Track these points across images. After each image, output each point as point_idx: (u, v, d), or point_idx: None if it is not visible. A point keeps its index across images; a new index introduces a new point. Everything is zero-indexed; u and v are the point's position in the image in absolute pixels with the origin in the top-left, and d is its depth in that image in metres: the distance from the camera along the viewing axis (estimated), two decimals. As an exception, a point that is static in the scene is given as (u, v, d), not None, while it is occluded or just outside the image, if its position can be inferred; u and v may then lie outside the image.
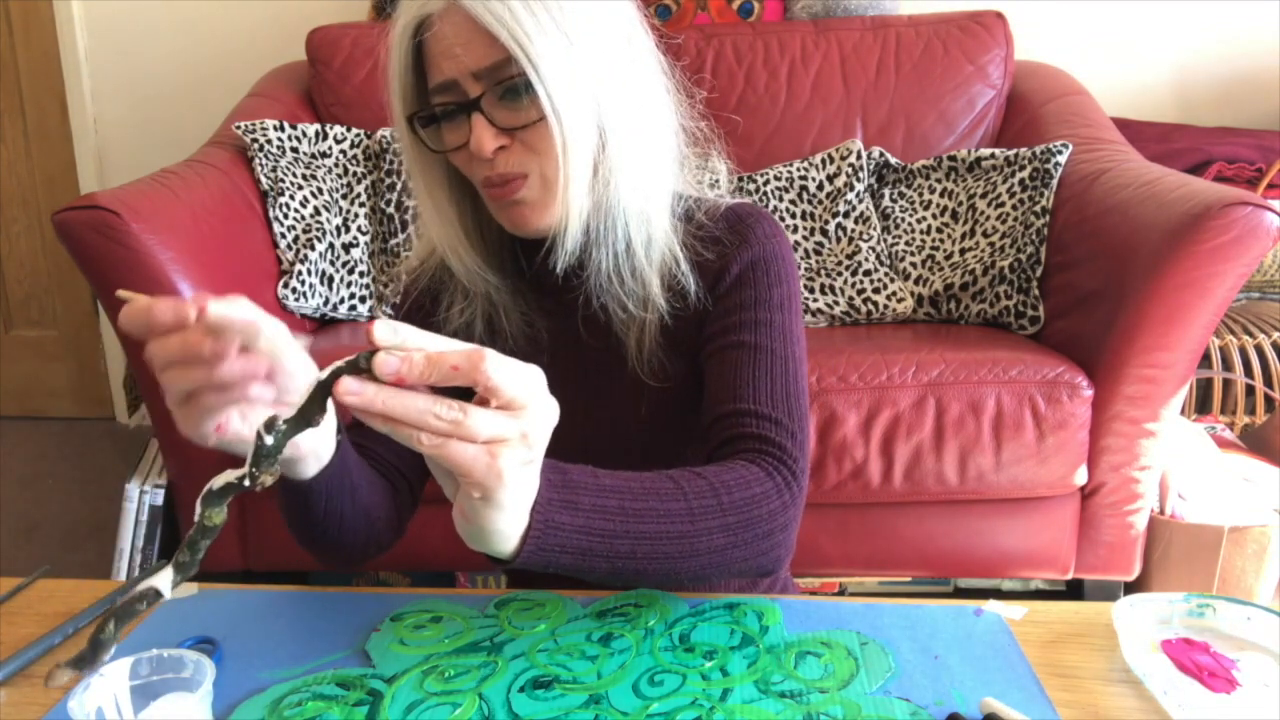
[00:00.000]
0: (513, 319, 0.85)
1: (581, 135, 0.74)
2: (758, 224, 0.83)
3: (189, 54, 2.52)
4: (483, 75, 0.72)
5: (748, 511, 0.68)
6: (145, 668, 0.57)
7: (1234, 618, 0.69)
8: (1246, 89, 2.35)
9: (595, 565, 0.63)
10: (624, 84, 0.76)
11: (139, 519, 1.75)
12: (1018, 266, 1.77)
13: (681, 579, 0.68)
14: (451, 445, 0.50)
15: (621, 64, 0.76)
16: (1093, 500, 1.58)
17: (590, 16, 0.74)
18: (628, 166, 0.77)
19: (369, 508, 0.76)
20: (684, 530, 0.65)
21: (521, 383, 0.51)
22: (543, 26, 0.71)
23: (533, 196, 0.76)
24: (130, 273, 1.49)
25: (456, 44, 0.72)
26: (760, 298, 0.80)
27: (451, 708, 0.63)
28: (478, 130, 0.73)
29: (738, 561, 0.69)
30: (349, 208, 1.98)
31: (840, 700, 0.62)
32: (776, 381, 0.77)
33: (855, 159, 1.99)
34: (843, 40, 2.12)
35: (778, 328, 0.79)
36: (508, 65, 0.72)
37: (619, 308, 0.81)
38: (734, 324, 0.79)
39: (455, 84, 0.73)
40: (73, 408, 2.77)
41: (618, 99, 0.75)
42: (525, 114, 0.73)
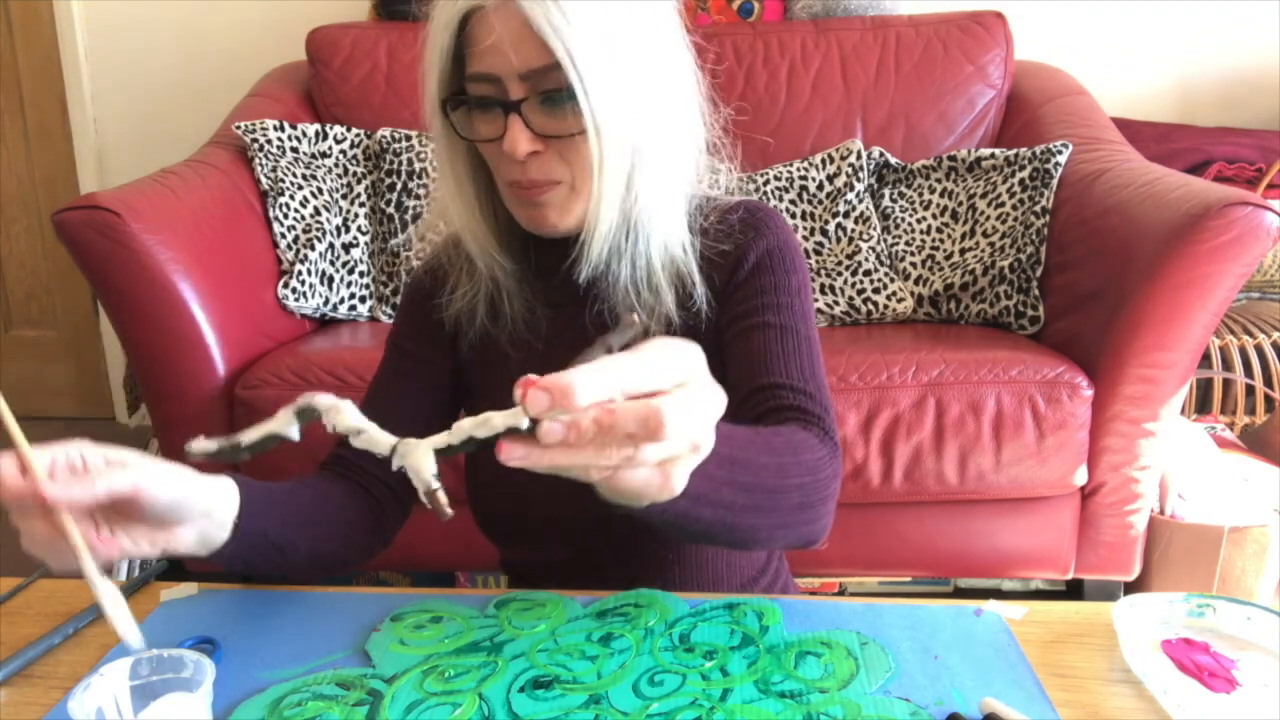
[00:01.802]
0: (515, 304, 0.85)
1: (619, 153, 0.74)
2: (770, 217, 0.84)
3: (189, 54, 2.52)
4: (528, 78, 0.72)
5: (815, 473, 0.68)
6: (145, 668, 0.57)
7: (1234, 618, 0.69)
8: (1246, 89, 2.35)
9: (701, 513, 0.58)
10: (663, 103, 0.76)
11: (139, 519, 1.75)
12: (1018, 266, 1.77)
13: (755, 538, 0.65)
14: (621, 475, 0.48)
15: (663, 83, 0.76)
16: (1093, 500, 1.58)
17: (640, 33, 0.74)
18: (658, 183, 0.77)
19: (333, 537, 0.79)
20: (773, 485, 0.63)
21: (702, 416, 0.47)
22: (595, 41, 0.70)
23: (557, 201, 0.76)
24: (130, 273, 1.49)
25: (506, 41, 0.70)
26: (779, 283, 0.80)
27: (451, 708, 0.63)
28: (514, 132, 0.72)
29: (801, 524, 0.67)
30: (349, 208, 1.98)
31: (840, 700, 0.62)
32: (804, 359, 0.78)
33: (855, 159, 1.99)
34: (843, 40, 2.12)
35: (798, 311, 0.80)
36: (554, 72, 0.71)
37: (624, 306, 0.81)
38: (756, 307, 0.80)
39: (498, 80, 0.72)
40: (73, 408, 2.77)
41: (655, 119, 0.75)
42: (565, 124, 0.73)
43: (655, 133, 0.75)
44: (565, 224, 0.77)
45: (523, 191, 0.75)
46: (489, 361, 0.87)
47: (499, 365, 0.86)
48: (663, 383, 0.46)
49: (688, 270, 0.81)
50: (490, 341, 0.86)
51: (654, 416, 0.44)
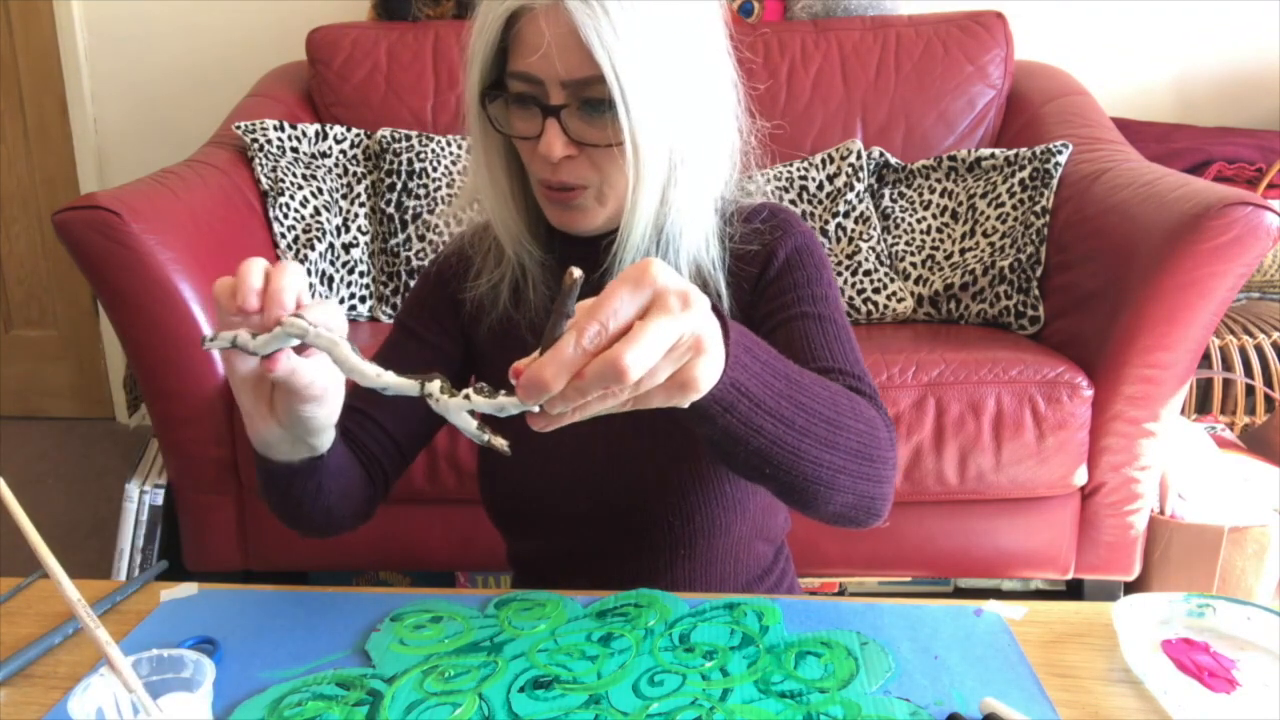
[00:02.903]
0: (539, 291, 0.85)
1: (656, 167, 0.74)
2: (793, 217, 0.85)
3: (189, 54, 2.52)
4: (570, 85, 0.72)
5: (873, 429, 0.68)
6: (145, 668, 0.57)
7: (1234, 618, 0.69)
8: (1246, 89, 2.35)
9: (761, 424, 0.59)
10: (702, 117, 0.76)
11: (139, 519, 1.75)
12: (1018, 266, 1.77)
13: (819, 477, 0.64)
14: (641, 400, 0.52)
15: (704, 97, 0.76)
16: (1093, 500, 1.58)
17: (686, 48, 0.74)
18: (691, 196, 0.77)
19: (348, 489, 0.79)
20: (831, 416, 0.64)
21: (673, 323, 0.49)
22: (642, 57, 0.70)
23: (587, 205, 0.77)
24: (130, 273, 1.49)
25: (552, 46, 0.71)
26: (812, 276, 0.81)
27: (451, 708, 0.63)
28: (550, 135, 0.73)
29: (863, 478, 0.67)
30: (349, 208, 1.98)
31: (840, 700, 0.62)
32: (847, 348, 0.78)
33: (855, 159, 1.99)
34: (843, 40, 2.12)
35: (833, 302, 0.81)
36: (598, 83, 0.71)
37: None
38: (793, 300, 0.80)
39: (540, 82, 0.73)
40: (73, 408, 2.77)
41: (694, 133, 0.76)
42: (602, 133, 0.73)
43: (692, 147, 0.76)
44: (591, 226, 0.78)
45: (551, 193, 0.76)
46: (508, 346, 0.87)
47: (518, 350, 0.86)
48: (625, 314, 0.48)
49: (714, 282, 0.81)
50: (511, 325, 0.87)
51: (611, 368, 0.47)
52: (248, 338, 0.60)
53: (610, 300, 0.48)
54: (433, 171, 1.98)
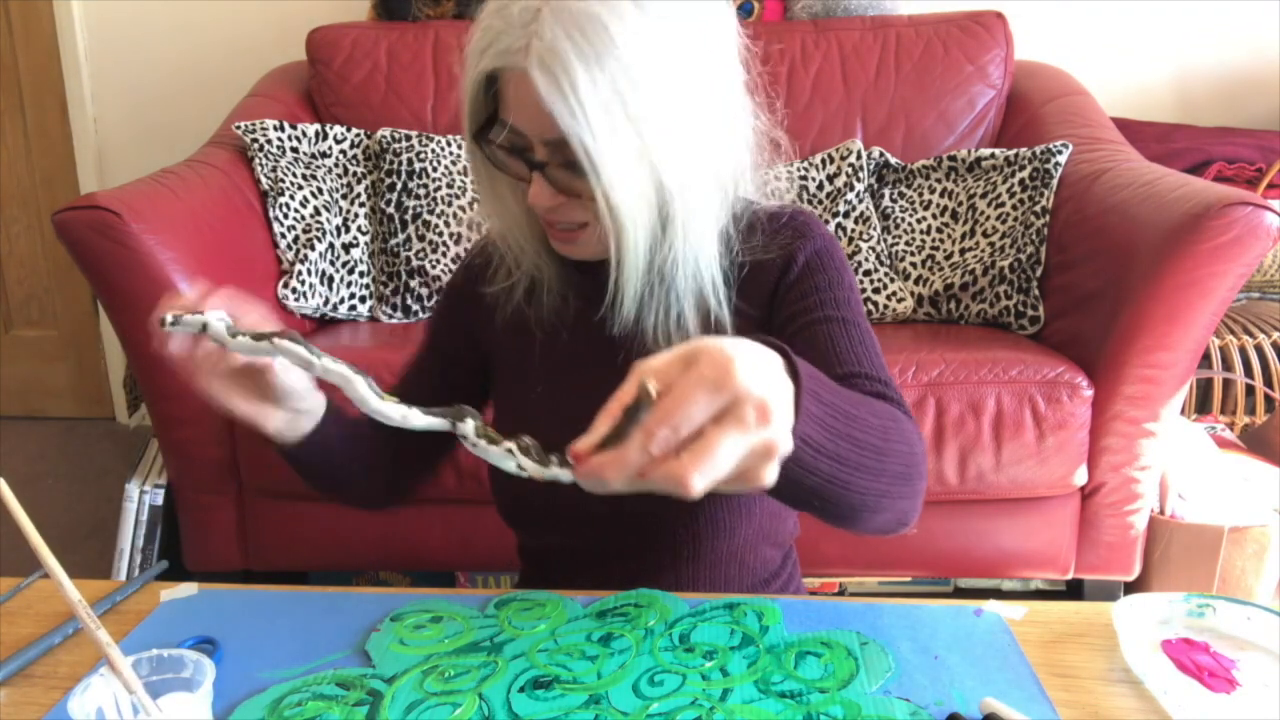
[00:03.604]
0: (553, 293, 0.86)
1: (639, 222, 0.73)
2: (813, 220, 0.84)
3: (189, 54, 2.52)
4: (549, 144, 0.72)
5: (912, 446, 0.67)
6: (145, 668, 0.57)
7: (1234, 618, 0.69)
8: (1246, 89, 2.35)
9: (818, 465, 0.57)
10: (695, 154, 0.74)
11: (139, 519, 1.75)
12: (1018, 266, 1.77)
13: (864, 503, 0.63)
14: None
15: (696, 132, 0.74)
16: (1093, 500, 1.58)
17: (670, 93, 0.71)
18: (689, 232, 0.76)
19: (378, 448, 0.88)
20: (879, 444, 0.62)
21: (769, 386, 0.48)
22: (610, 116, 0.68)
23: (584, 239, 0.78)
24: (130, 273, 1.49)
25: (528, 106, 0.70)
26: (833, 280, 0.81)
27: (451, 708, 0.63)
28: (537, 188, 0.74)
29: (900, 497, 0.66)
30: (349, 208, 1.98)
31: (840, 700, 0.62)
32: (871, 352, 0.78)
33: (855, 159, 1.99)
34: (843, 40, 2.12)
35: (855, 306, 0.81)
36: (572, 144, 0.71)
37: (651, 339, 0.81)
38: (815, 303, 0.80)
39: (525, 136, 0.73)
40: (73, 408, 2.77)
41: (686, 173, 0.73)
42: (586, 186, 0.72)
43: (685, 186, 0.74)
44: (595, 254, 0.79)
45: (551, 229, 0.78)
46: (519, 336, 0.89)
47: (527, 343, 0.88)
48: (698, 420, 0.47)
49: (719, 307, 0.80)
50: (523, 319, 0.88)
51: (675, 483, 0.47)
52: (222, 329, 0.54)
53: (685, 405, 0.47)
54: (433, 171, 1.98)
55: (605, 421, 0.49)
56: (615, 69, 0.68)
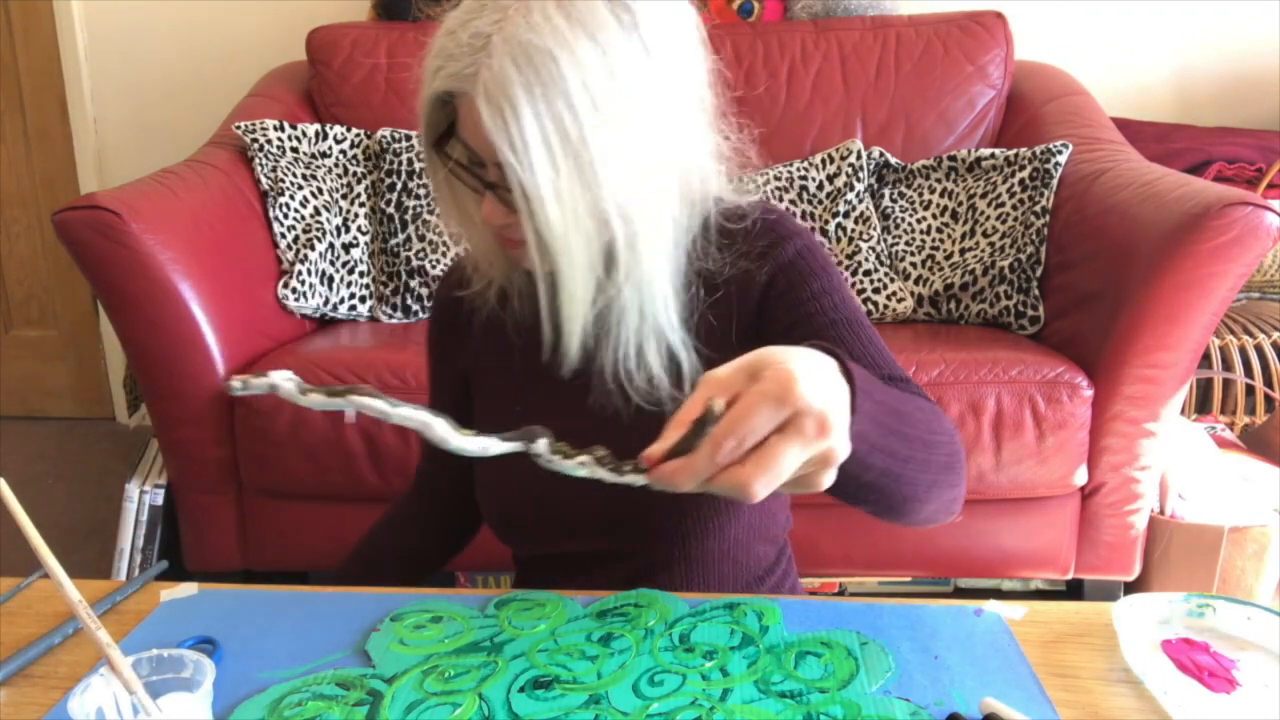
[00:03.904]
0: (524, 297, 0.85)
1: (576, 260, 0.71)
2: (783, 222, 0.83)
3: (189, 54, 2.52)
4: (499, 166, 0.70)
5: (952, 437, 0.68)
6: (145, 668, 0.57)
7: (1234, 618, 0.69)
8: (1246, 89, 2.35)
9: (873, 461, 0.59)
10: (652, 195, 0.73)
11: (139, 519, 1.75)
12: (1018, 266, 1.77)
13: (915, 495, 0.65)
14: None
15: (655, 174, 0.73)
16: (1093, 500, 1.58)
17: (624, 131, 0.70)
18: (643, 271, 0.74)
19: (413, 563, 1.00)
20: (926, 438, 0.64)
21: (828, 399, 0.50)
22: (550, 152, 0.67)
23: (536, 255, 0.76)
24: (130, 273, 1.49)
25: (479, 129, 0.69)
26: (824, 282, 0.80)
27: (451, 708, 0.63)
28: (489, 206, 0.74)
29: (947, 486, 0.67)
30: (349, 208, 1.98)
31: (840, 700, 0.62)
32: (881, 349, 0.78)
33: (855, 159, 1.99)
34: (843, 40, 2.12)
35: (852, 304, 0.80)
36: None
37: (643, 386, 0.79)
38: (814, 310, 0.79)
39: (478, 154, 0.73)
40: (73, 408, 2.77)
41: (638, 212, 0.72)
42: None
43: (632, 222, 0.72)
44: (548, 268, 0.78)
45: (507, 242, 0.77)
46: (499, 352, 0.89)
47: (505, 348, 0.89)
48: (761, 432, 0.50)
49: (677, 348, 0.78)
50: (499, 324, 0.88)
51: (739, 489, 0.50)
52: (292, 388, 0.54)
53: (749, 418, 0.50)
54: (433, 171, 1.98)
55: (675, 430, 0.52)
56: (560, 105, 0.67)
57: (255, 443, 1.58)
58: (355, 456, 1.56)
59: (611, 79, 0.69)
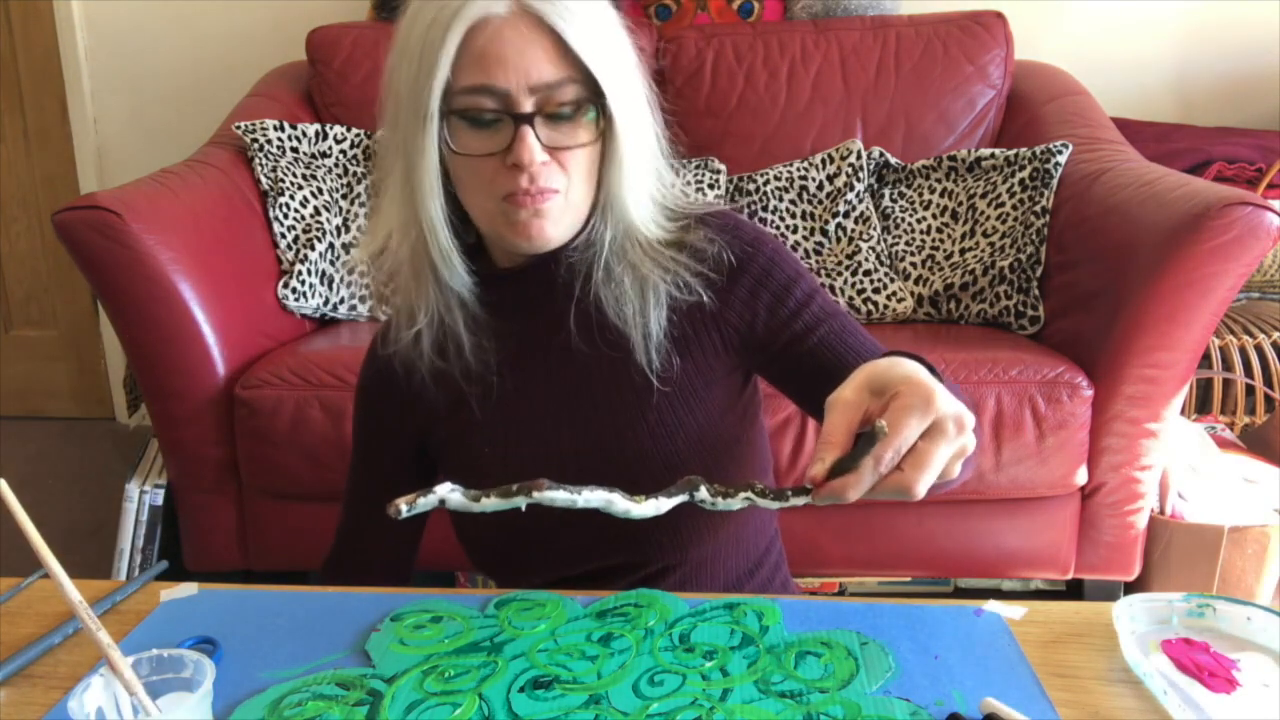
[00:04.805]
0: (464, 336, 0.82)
1: (636, 158, 0.77)
2: (741, 229, 0.83)
3: (189, 54, 2.52)
4: (538, 90, 0.71)
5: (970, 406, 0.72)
6: (145, 668, 0.57)
7: (1234, 618, 0.69)
8: (1246, 89, 2.35)
9: None
10: (646, 109, 0.80)
11: (139, 519, 1.75)
12: (1018, 266, 1.77)
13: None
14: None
15: (644, 88, 0.79)
16: (1093, 500, 1.58)
17: (626, 42, 0.77)
18: (630, 173, 0.78)
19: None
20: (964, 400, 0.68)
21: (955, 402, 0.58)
22: (612, 55, 0.74)
23: (555, 211, 0.76)
24: (130, 273, 1.49)
25: (517, 53, 0.70)
26: (804, 291, 0.82)
27: (451, 708, 0.63)
28: (528, 142, 0.72)
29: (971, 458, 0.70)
30: (349, 208, 1.98)
31: (840, 700, 0.62)
32: (863, 332, 0.83)
33: (855, 159, 1.99)
34: (843, 40, 2.12)
35: (823, 296, 0.83)
36: (567, 85, 0.72)
37: (619, 301, 0.80)
38: (809, 322, 0.81)
39: (505, 93, 0.71)
40: (73, 408, 2.77)
41: (641, 119, 0.78)
42: (574, 136, 0.74)
43: (639, 131, 0.78)
44: (557, 234, 0.77)
45: (527, 199, 0.74)
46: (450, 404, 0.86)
47: (457, 393, 0.85)
48: (912, 439, 0.57)
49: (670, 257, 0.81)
50: (442, 374, 0.84)
51: (904, 491, 0.58)
52: (460, 499, 0.59)
53: (902, 430, 0.57)
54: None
55: (830, 451, 0.59)
56: (594, 5, 0.74)
57: (255, 443, 1.58)
58: (355, 456, 1.56)
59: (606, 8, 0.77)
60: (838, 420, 0.59)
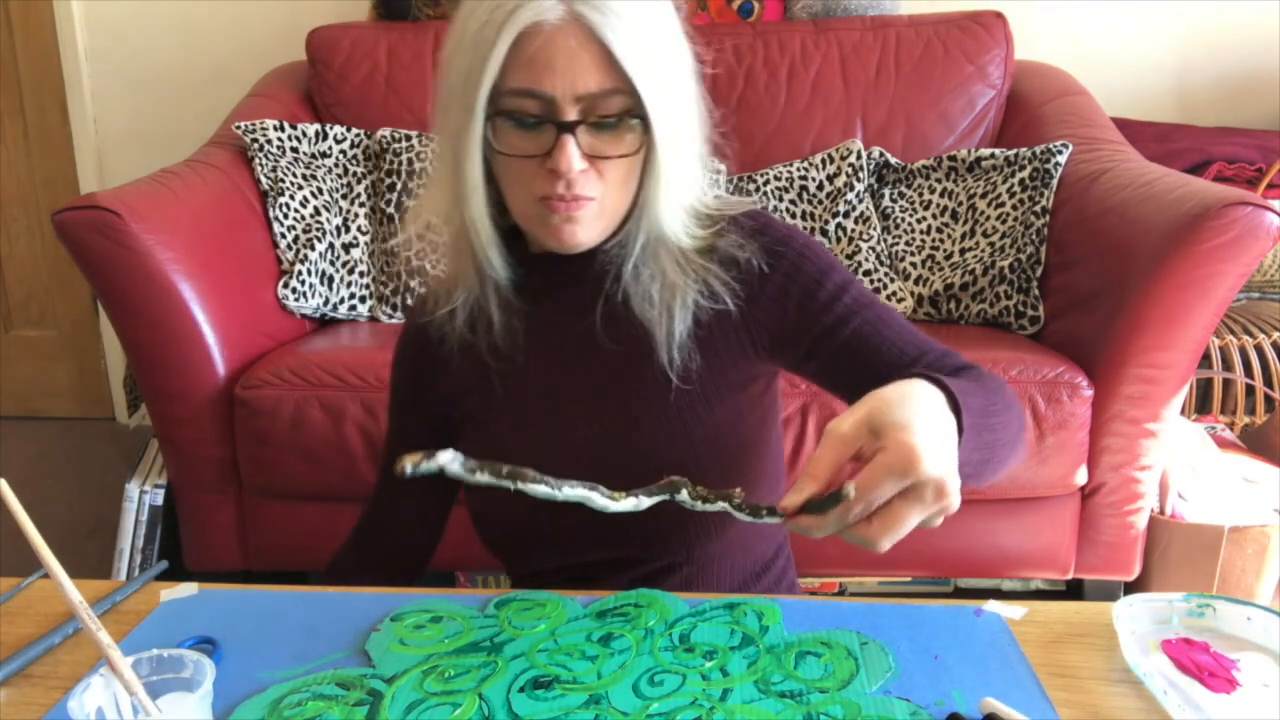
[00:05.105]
0: (497, 315, 0.84)
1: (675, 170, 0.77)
2: (771, 226, 0.84)
3: (189, 54, 2.52)
4: (584, 99, 0.72)
5: (1018, 411, 0.75)
6: (145, 668, 0.57)
7: (1234, 618, 0.69)
8: (1246, 89, 2.35)
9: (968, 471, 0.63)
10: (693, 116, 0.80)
11: (139, 519, 1.75)
12: (1018, 266, 1.77)
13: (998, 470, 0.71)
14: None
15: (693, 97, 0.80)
16: (1093, 500, 1.58)
17: (679, 51, 0.77)
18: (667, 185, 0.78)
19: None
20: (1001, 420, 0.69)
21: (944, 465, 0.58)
22: (658, 66, 0.73)
23: (589, 217, 0.77)
24: (130, 273, 1.49)
25: (566, 62, 0.71)
26: (836, 283, 0.81)
27: (451, 708, 0.63)
28: (568, 151, 0.72)
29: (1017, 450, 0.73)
30: (349, 208, 1.98)
31: (840, 700, 0.62)
32: (906, 326, 0.81)
33: (855, 159, 1.99)
34: (843, 40, 2.12)
35: (859, 290, 0.82)
36: (613, 96, 0.72)
37: (645, 301, 0.81)
38: (841, 315, 0.80)
39: (550, 100, 0.72)
40: (73, 408, 2.77)
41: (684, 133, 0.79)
42: (616, 146, 0.74)
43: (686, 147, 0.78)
44: (589, 239, 0.78)
45: (562, 205, 0.75)
46: (476, 376, 0.87)
47: (482, 369, 0.87)
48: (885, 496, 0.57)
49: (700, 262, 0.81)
50: (471, 347, 0.86)
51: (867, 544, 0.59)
52: (459, 469, 0.59)
53: (875, 488, 0.57)
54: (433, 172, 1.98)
55: (811, 485, 0.59)
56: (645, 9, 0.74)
57: (255, 443, 1.58)
58: (355, 457, 1.56)
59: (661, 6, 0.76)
60: (827, 455, 0.59)
